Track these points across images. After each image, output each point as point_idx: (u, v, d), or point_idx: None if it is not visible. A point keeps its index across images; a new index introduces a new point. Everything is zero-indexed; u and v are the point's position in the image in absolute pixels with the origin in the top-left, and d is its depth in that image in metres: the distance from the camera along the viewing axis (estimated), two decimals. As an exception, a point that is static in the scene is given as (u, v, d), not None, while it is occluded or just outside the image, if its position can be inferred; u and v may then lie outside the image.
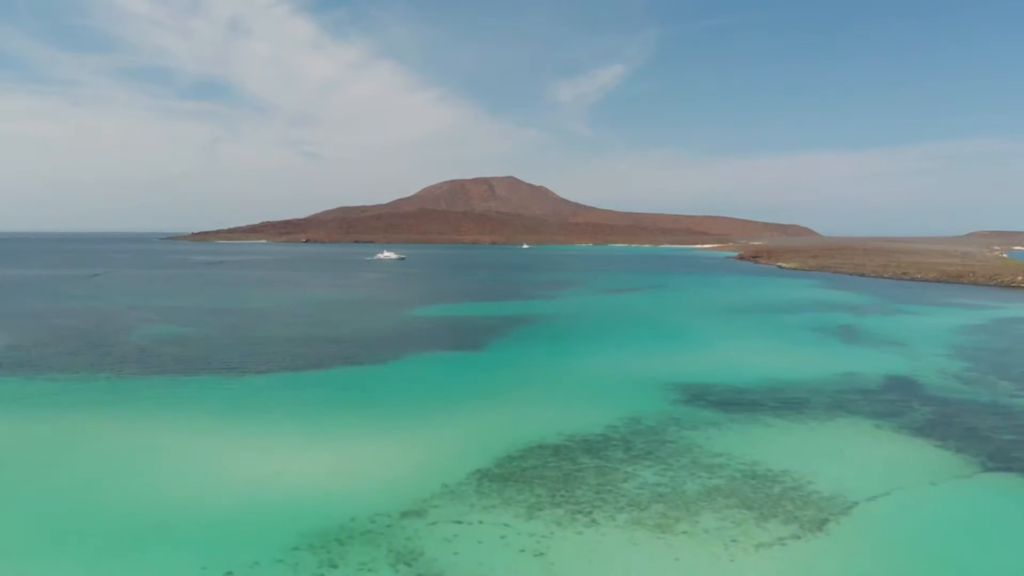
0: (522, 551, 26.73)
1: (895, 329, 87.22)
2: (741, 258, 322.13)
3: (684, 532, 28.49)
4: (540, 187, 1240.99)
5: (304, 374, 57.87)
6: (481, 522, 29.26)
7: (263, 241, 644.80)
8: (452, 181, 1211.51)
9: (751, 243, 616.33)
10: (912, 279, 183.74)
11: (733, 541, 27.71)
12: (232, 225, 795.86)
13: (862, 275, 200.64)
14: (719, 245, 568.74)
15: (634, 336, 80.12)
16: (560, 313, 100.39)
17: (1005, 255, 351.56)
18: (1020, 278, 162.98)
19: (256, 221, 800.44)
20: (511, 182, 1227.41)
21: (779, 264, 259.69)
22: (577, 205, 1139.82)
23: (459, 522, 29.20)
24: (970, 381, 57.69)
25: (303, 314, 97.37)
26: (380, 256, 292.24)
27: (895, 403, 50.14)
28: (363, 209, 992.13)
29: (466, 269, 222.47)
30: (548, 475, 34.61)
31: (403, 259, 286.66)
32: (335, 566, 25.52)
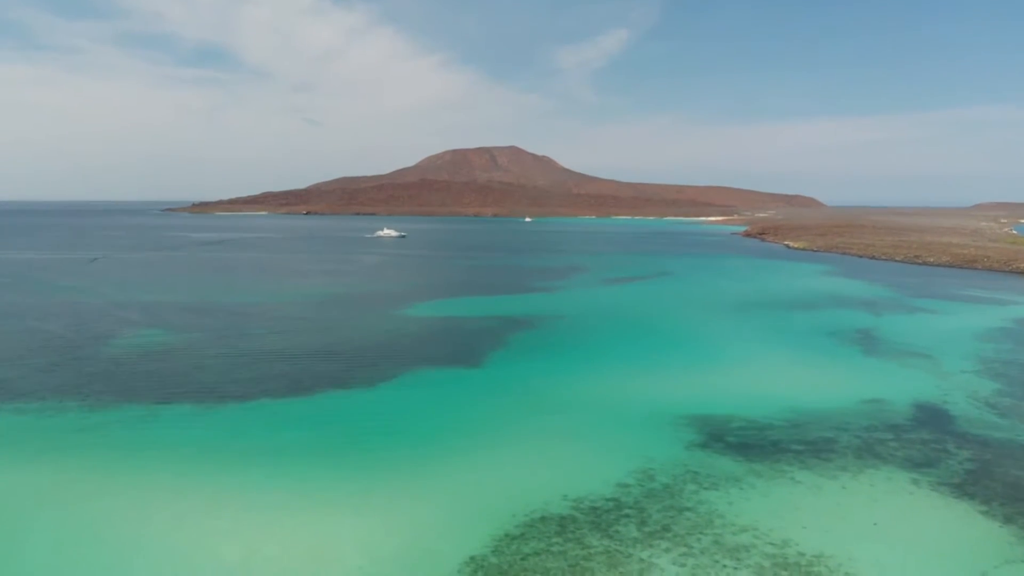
0: None
1: (916, 334, 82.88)
2: (748, 235, 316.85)
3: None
4: (543, 157, 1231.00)
5: (287, 404, 53.76)
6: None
7: (263, 213, 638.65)
8: (454, 151, 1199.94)
9: (756, 215, 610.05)
10: (925, 263, 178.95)
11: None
12: (232, 195, 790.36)
13: (873, 257, 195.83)
14: (724, 218, 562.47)
15: (641, 348, 75.85)
16: (562, 312, 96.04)
17: (1012, 230, 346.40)
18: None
19: (256, 191, 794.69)
20: (514, 152, 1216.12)
21: (787, 243, 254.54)
22: (580, 175, 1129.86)
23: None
24: (1004, 411, 53.48)
25: (294, 316, 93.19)
26: (380, 233, 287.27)
27: (928, 445, 45.97)
28: (364, 179, 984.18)
29: (466, 251, 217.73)
30: (552, 566, 30.55)
31: (403, 237, 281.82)
32: None
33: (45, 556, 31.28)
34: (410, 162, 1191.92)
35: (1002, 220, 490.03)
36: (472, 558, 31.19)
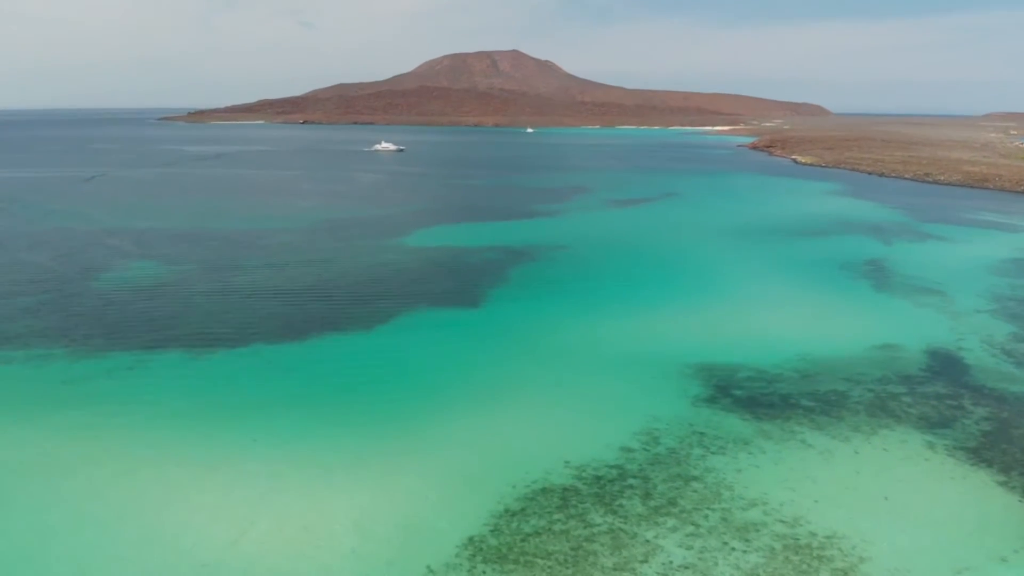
0: None
1: (928, 266, 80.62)
2: (755, 148, 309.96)
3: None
4: (546, 62, 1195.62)
5: (279, 351, 52.04)
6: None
7: (260, 123, 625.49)
8: (453, 55, 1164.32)
9: (763, 125, 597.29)
10: (935, 182, 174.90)
11: None
12: (229, 103, 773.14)
13: (882, 175, 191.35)
14: (731, 128, 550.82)
15: (644, 284, 73.69)
16: (564, 242, 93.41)
17: (1021, 143, 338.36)
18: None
19: (253, 99, 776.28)
20: (516, 56, 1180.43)
21: (794, 157, 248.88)
22: (585, 82, 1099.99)
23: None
24: (1020, 360, 51.81)
25: (289, 245, 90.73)
26: (378, 147, 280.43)
27: (943, 401, 44.45)
28: (361, 86, 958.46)
29: (466, 169, 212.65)
30: (553, 549, 29.32)
31: (402, 151, 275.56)
32: None
33: (25, 538, 30.04)
34: (408, 67, 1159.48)
35: (1012, 132, 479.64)
36: (471, 539, 29.96)
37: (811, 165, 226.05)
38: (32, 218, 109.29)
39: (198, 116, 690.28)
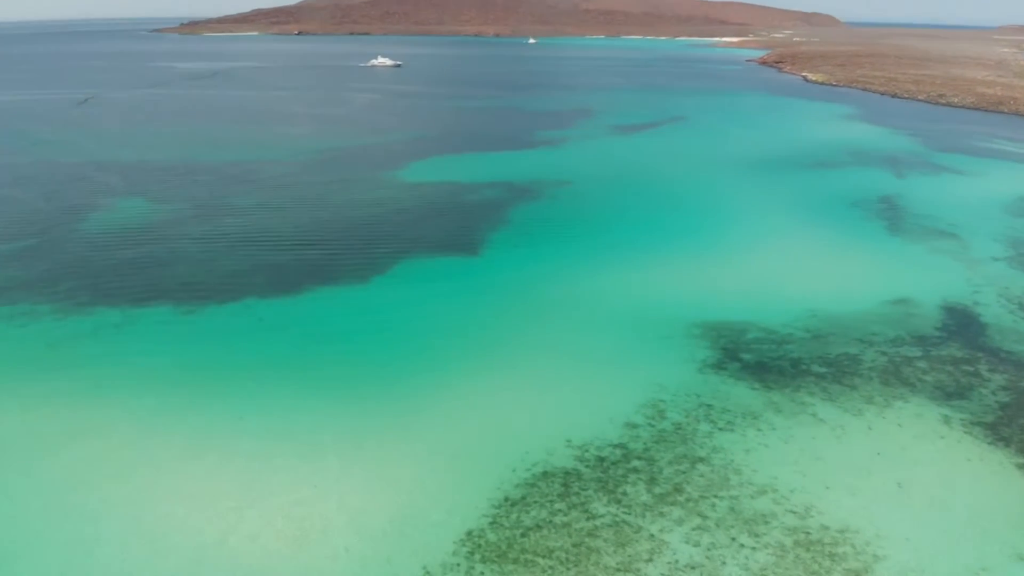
0: None
1: (943, 205, 77.98)
2: (764, 63, 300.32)
3: None
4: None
5: (271, 305, 50.26)
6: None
7: (254, 34, 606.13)
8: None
9: (773, 36, 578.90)
10: (949, 104, 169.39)
11: None
12: (222, 12, 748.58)
13: (895, 95, 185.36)
14: (740, 40, 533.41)
15: (648, 228, 71.08)
16: (566, 177, 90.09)
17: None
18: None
19: (247, 7, 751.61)
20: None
21: (805, 75, 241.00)
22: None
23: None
24: (1041, 317, 50.07)
25: (282, 181, 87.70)
26: (374, 63, 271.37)
27: (959, 367, 42.92)
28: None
29: (465, 88, 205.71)
30: (555, 545, 28.21)
31: (399, 67, 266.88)
32: None
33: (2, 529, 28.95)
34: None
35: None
36: (469, 533, 28.84)
37: (822, 84, 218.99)
38: (19, 148, 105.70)
39: (191, 28, 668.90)
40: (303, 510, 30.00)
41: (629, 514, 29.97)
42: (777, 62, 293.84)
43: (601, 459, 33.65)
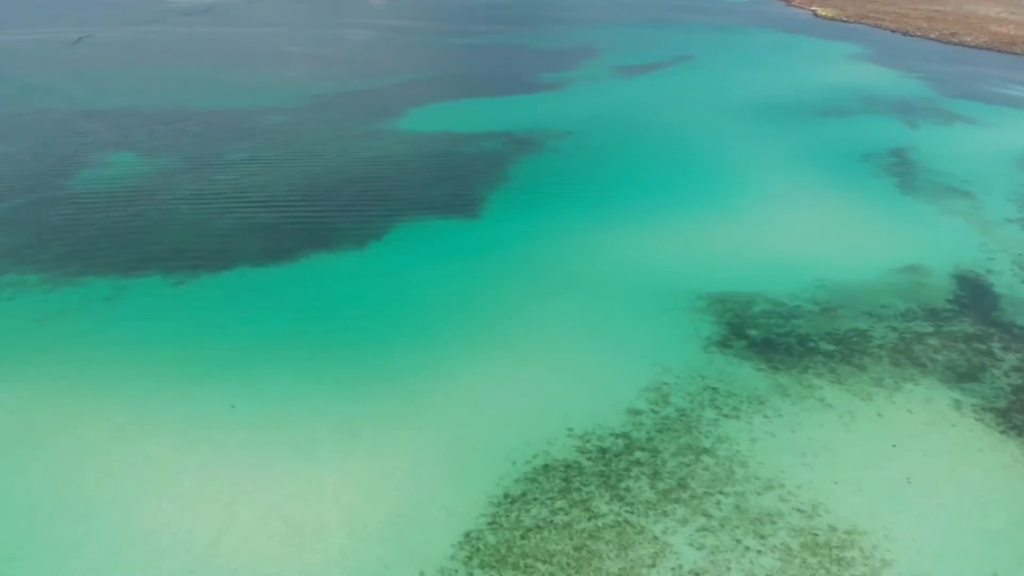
0: None
1: (955, 159, 75.65)
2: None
3: None
4: None
5: (265, 274, 48.81)
6: None
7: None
8: None
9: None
10: (961, 43, 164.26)
11: None
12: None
13: (906, 33, 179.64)
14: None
15: (650, 184, 69.03)
16: (568, 127, 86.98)
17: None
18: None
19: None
20: None
21: (814, 9, 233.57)
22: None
23: None
24: (1056, 288, 48.76)
25: (274, 129, 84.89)
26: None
27: (971, 345, 41.88)
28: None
29: (464, 23, 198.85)
30: (555, 548, 27.53)
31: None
32: None
33: (-6, 531, 28.23)
34: None
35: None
36: (467, 535, 28.15)
37: (831, 19, 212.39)
38: (7, 96, 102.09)
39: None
40: (299, 510, 29.22)
41: (632, 513, 29.25)
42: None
43: (603, 450, 32.80)
